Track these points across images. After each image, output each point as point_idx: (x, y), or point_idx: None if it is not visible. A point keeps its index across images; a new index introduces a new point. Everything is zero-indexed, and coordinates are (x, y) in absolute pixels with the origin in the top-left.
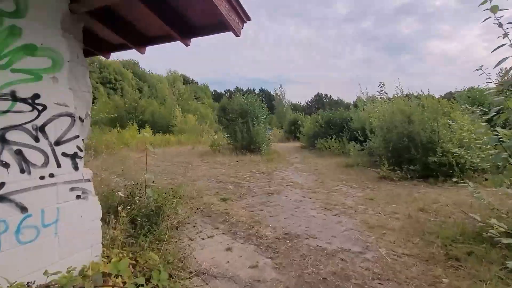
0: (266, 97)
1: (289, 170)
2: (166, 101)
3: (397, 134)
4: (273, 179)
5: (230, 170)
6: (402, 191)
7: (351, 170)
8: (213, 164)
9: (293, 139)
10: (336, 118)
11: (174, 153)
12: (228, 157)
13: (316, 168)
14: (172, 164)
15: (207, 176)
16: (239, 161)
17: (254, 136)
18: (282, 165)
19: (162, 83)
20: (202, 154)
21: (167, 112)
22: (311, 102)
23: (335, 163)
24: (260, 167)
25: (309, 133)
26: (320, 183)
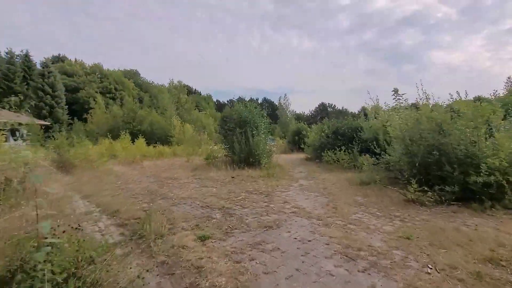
0: (269, 107)
1: (293, 189)
2: (167, 111)
3: (425, 146)
4: (273, 202)
5: (222, 189)
6: (444, 223)
7: (368, 190)
8: (205, 181)
9: (297, 150)
10: (345, 127)
11: (165, 166)
12: (223, 172)
13: (325, 187)
14: (157, 181)
15: (193, 197)
16: (236, 177)
17: (254, 148)
18: (285, 181)
19: (164, 93)
20: (196, 168)
21: (166, 122)
22: (315, 111)
23: (347, 179)
24: (258, 184)
25: (315, 144)
26: (333, 210)
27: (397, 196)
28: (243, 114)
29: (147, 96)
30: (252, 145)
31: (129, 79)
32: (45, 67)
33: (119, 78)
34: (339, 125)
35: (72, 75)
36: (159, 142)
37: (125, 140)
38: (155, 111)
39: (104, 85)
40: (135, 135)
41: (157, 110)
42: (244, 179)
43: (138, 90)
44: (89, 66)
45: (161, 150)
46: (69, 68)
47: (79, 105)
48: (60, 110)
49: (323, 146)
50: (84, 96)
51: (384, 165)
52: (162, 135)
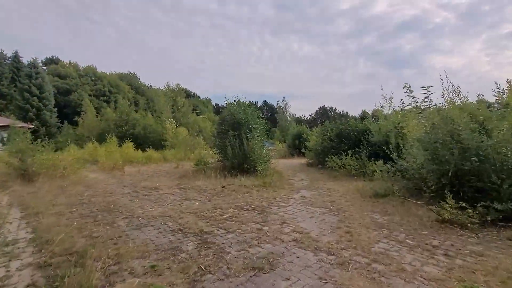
0: (269, 110)
1: (293, 202)
2: (163, 114)
3: (460, 151)
4: (267, 222)
5: (207, 203)
6: (507, 260)
7: (385, 204)
8: (189, 192)
9: (298, 154)
10: (350, 130)
11: (149, 173)
12: (213, 181)
13: (332, 199)
14: (133, 192)
15: (166, 216)
16: (226, 186)
17: (248, 152)
18: (284, 192)
19: (160, 96)
20: (183, 176)
21: (161, 125)
22: (315, 114)
23: (357, 189)
24: (252, 196)
25: (317, 148)
26: (347, 236)
27: (424, 213)
28: (237, 115)
29: (143, 99)
30: (246, 149)
31: (125, 82)
32: (33, 67)
33: (114, 81)
34: (343, 128)
35: (65, 77)
36: (152, 146)
37: (111, 144)
38: (150, 115)
39: (97, 87)
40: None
41: (153, 114)
42: (236, 190)
43: (134, 93)
44: (82, 68)
45: (149, 155)
46: (62, 70)
47: (71, 108)
48: (48, 112)
49: (326, 150)
50: (77, 98)
51: (400, 173)
52: (156, 139)
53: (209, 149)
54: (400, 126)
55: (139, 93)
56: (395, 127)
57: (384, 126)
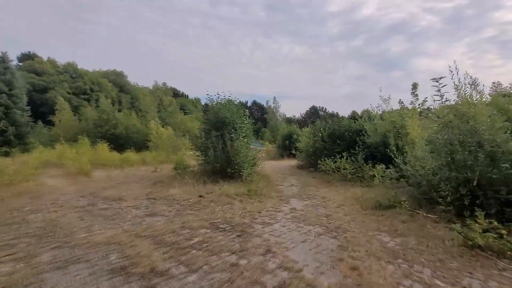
0: (260, 110)
1: (282, 218)
2: (148, 114)
3: (486, 154)
4: (247, 253)
5: (175, 220)
6: None
7: (393, 220)
8: (158, 204)
9: (288, 155)
10: (343, 130)
11: (121, 178)
12: (190, 188)
13: (329, 213)
14: (88, 205)
15: (113, 243)
16: (205, 195)
17: (232, 155)
18: (271, 203)
19: (146, 95)
20: (158, 182)
21: (145, 125)
22: (306, 114)
23: (355, 198)
24: (233, 209)
25: (308, 150)
26: (354, 274)
27: (445, 234)
28: (220, 114)
29: (127, 98)
30: (230, 151)
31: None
32: (1, 62)
33: (96, 79)
34: (336, 127)
35: (42, 74)
36: (135, 148)
37: (83, 145)
38: (135, 114)
39: (78, 85)
40: (107, 139)
41: (138, 113)
42: (215, 200)
43: (118, 91)
44: (62, 65)
45: (126, 158)
46: (39, 66)
47: (47, 106)
48: (19, 111)
49: (318, 152)
50: (54, 96)
51: (405, 180)
52: (139, 140)
53: (192, 151)
54: (400, 126)
55: (124, 92)
56: (394, 127)
57: (381, 126)
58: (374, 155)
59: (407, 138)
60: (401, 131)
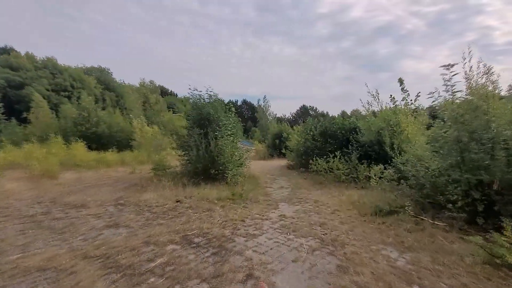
0: (250, 110)
1: (269, 228)
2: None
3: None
4: (222, 277)
5: (139, 233)
6: None
7: (398, 228)
8: (125, 212)
9: (278, 155)
10: (336, 128)
11: (92, 181)
12: (167, 192)
13: (323, 221)
14: (40, 214)
15: (48, 268)
16: (183, 200)
17: (216, 154)
18: (257, 209)
19: (132, 92)
20: (133, 185)
21: (130, 124)
22: (296, 114)
23: (351, 202)
24: (213, 217)
25: (299, 149)
26: None
27: (460, 247)
28: (204, 110)
29: (112, 95)
30: (213, 151)
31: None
32: None
33: (78, 75)
34: (328, 125)
35: (18, 69)
36: (118, 147)
37: (56, 144)
38: (119, 112)
39: (57, 81)
40: (88, 139)
41: (123, 111)
42: (194, 205)
43: (102, 88)
44: (40, 60)
45: (102, 158)
46: (15, 61)
47: (24, 103)
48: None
49: (309, 151)
50: (31, 93)
51: (406, 181)
52: (123, 139)
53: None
54: (394, 123)
55: (108, 89)
56: (389, 125)
57: (375, 123)
58: (369, 154)
59: (402, 136)
60: (396, 129)
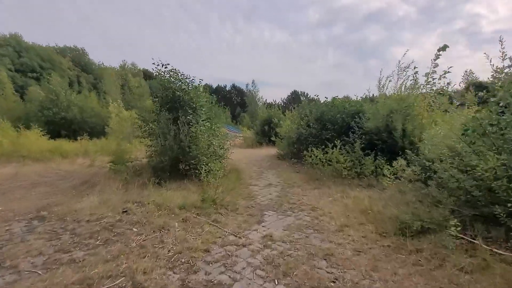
0: (239, 95)
1: (246, 267)
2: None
3: None
4: None
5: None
6: None
7: (449, 266)
8: (35, 234)
9: (268, 143)
10: (335, 112)
11: (33, 177)
12: (116, 196)
13: (328, 247)
14: None
15: None
16: (132, 209)
17: (188, 145)
18: (234, 224)
19: (111, 75)
20: (81, 184)
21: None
22: (287, 100)
23: (361, 211)
24: (161, 245)
25: (291, 137)
26: None
27: None
28: (175, 91)
29: (89, 78)
30: (184, 140)
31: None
32: None
33: (48, 55)
34: (326, 109)
35: None
36: (91, 134)
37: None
38: (95, 96)
39: (23, 61)
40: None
41: (101, 95)
42: (143, 220)
43: (79, 70)
44: (2, 37)
45: (58, 147)
46: None
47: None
48: None
49: (302, 139)
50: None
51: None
52: (97, 125)
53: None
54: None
55: (85, 71)
56: (403, 107)
57: (384, 107)
58: (374, 143)
59: (415, 122)
60: (410, 111)
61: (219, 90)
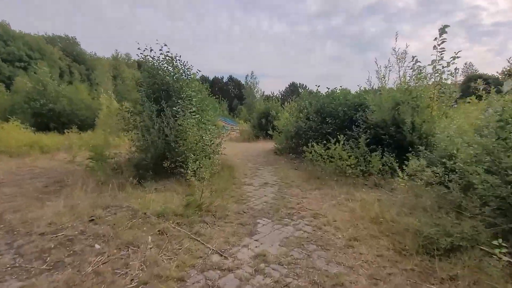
0: (236, 87)
1: None
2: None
3: None
4: None
5: None
6: None
7: None
8: None
9: (265, 136)
10: (337, 104)
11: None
12: (85, 201)
13: (337, 274)
14: None
15: None
16: (100, 217)
17: (174, 140)
18: (220, 237)
19: (104, 66)
20: (53, 183)
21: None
22: (285, 92)
23: (372, 219)
24: (125, 270)
25: (289, 130)
26: None
27: None
28: (162, 79)
29: (81, 68)
30: (170, 134)
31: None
32: None
33: (37, 44)
34: (327, 101)
35: None
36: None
37: None
38: (86, 87)
39: (10, 50)
40: (44, 117)
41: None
42: (110, 232)
43: (70, 61)
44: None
45: (37, 141)
46: None
47: None
48: None
49: (301, 133)
50: None
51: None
52: (88, 118)
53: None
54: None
55: (77, 62)
56: (411, 98)
57: (393, 96)
58: (380, 138)
59: (424, 114)
60: (420, 103)
61: (216, 81)
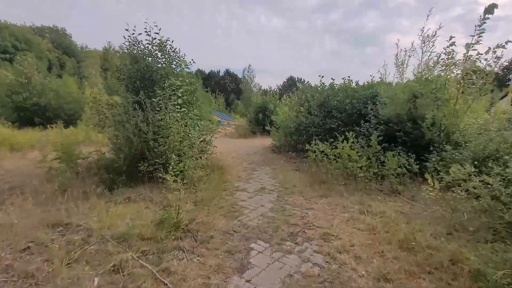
0: (233, 81)
1: None
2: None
3: None
4: None
5: None
6: None
7: None
8: None
9: (262, 132)
10: (343, 97)
11: None
12: (36, 216)
13: None
14: None
15: None
16: (47, 238)
17: (155, 137)
18: (201, 272)
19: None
20: (8, 189)
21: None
22: (283, 86)
23: (399, 242)
24: None
25: (288, 126)
26: None
27: None
28: (141, 63)
29: (71, 61)
30: (149, 131)
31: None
32: None
33: (23, 35)
34: (331, 93)
35: None
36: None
37: None
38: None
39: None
40: (28, 111)
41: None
42: (42, 269)
43: (60, 53)
44: None
45: (7, 138)
46: None
47: None
48: None
49: (302, 129)
50: None
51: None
52: (76, 112)
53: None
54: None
55: (67, 54)
56: (434, 89)
57: (410, 87)
58: (393, 135)
59: (446, 108)
60: (440, 96)
61: (212, 75)
